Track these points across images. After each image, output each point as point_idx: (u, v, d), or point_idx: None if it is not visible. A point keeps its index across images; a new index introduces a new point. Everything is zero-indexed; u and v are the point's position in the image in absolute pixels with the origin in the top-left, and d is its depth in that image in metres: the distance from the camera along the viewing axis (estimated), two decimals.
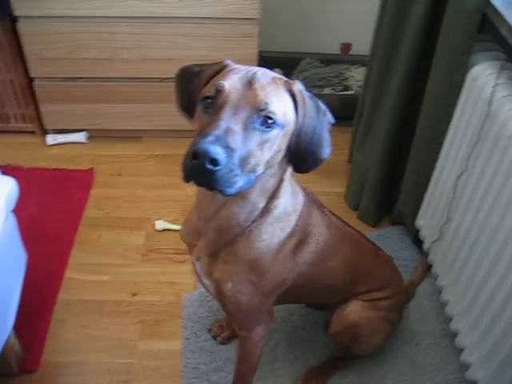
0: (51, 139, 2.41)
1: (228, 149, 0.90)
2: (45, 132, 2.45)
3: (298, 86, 1.04)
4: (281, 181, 1.12)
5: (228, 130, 0.92)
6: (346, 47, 2.77)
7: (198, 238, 1.25)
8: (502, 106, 1.39)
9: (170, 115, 2.37)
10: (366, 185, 2.08)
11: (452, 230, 1.66)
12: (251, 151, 0.95)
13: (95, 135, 2.47)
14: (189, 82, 1.09)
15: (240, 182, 0.95)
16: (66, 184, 2.24)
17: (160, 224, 2.08)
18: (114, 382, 1.65)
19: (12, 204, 1.54)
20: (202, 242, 1.23)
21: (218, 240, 1.18)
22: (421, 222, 1.89)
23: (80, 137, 2.43)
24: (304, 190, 1.30)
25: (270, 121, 0.96)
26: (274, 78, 1.02)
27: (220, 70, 1.05)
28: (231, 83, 0.97)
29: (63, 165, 2.34)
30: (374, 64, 1.96)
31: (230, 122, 0.93)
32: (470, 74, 1.54)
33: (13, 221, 1.54)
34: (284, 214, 1.18)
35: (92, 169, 2.31)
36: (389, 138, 1.92)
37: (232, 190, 0.95)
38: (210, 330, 1.76)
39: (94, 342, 1.74)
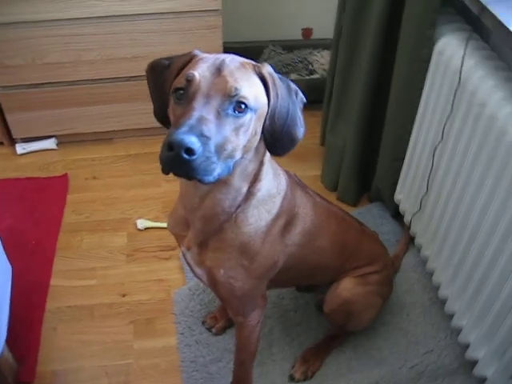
0: (21, 148, 2.36)
1: (203, 137, 0.91)
2: (13, 142, 2.40)
3: (267, 69, 1.05)
4: (261, 164, 1.13)
5: (201, 119, 0.93)
6: (307, 32, 2.79)
7: (186, 228, 1.25)
8: (471, 76, 1.43)
9: (140, 114, 2.36)
10: (342, 166, 2.11)
11: (432, 201, 1.70)
12: (226, 137, 0.96)
13: (65, 140, 2.43)
14: (159, 75, 1.10)
15: (218, 169, 0.96)
16: (41, 192, 2.20)
17: (141, 223, 2.07)
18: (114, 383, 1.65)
19: None
20: (190, 232, 1.24)
21: (205, 228, 1.19)
22: (399, 196, 1.93)
23: (50, 143, 2.39)
24: (287, 172, 1.31)
25: (242, 106, 0.97)
26: (242, 63, 1.03)
27: (189, 60, 1.05)
28: (200, 72, 0.98)
29: (36, 173, 2.30)
30: (340, 45, 1.98)
31: (203, 111, 0.94)
32: (437, 47, 1.58)
33: None
34: (268, 196, 1.19)
35: (66, 174, 2.28)
36: (361, 117, 1.95)
37: (210, 178, 0.96)
38: (204, 323, 1.77)
39: (88, 346, 1.73)
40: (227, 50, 2.38)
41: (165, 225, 2.07)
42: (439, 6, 1.53)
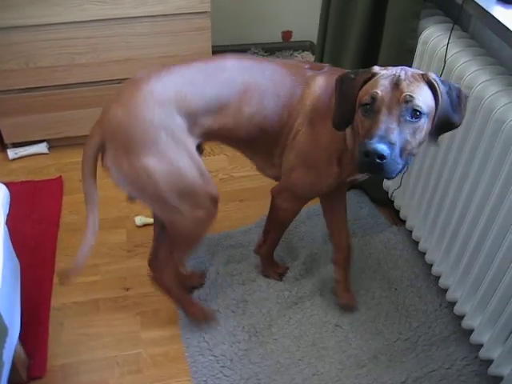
0: (13, 153, 2.38)
1: (390, 144, 1.17)
2: (4, 147, 2.42)
3: (432, 76, 1.26)
4: None
5: (388, 129, 1.18)
6: (287, 35, 2.90)
7: None
8: (455, 62, 1.54)
9: None
10: None
11: (422, 182, 1.80)
12: (407, 140, 1.21)
13: (56, 144, 2.46)
14: (346, 86, 1.33)
15: (400, 167, 1.22)
16: (36, 195, 2.23)
17: (140, 219, 2.12)
18: (126, 373, 1.68)
19: (7, 207, 1.55)
20: None
21: None
22: (388, 182, 2.03)
23: (41, 148, 2.42)
24: None
25: (417, 112, 1.21)
26: (413, 75, 1.25)
27: (370, 77, 1.29)
28: (383, 89, 1.23)
29: (29, 177, 2.33)
30: (325, 43, 2.08)
31: (388, 122, 1.19)
32: (421, 38, 1.69)
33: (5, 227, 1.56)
34: None
35: (61, 177, 2.31)
36: None
37: (395, 175, 1.22)
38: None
39: (97, 339, 1.77)
40: (212, 52, 2.49)
41: None
42: (422, 0, 1.66)
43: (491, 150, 1.42)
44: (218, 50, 2.64)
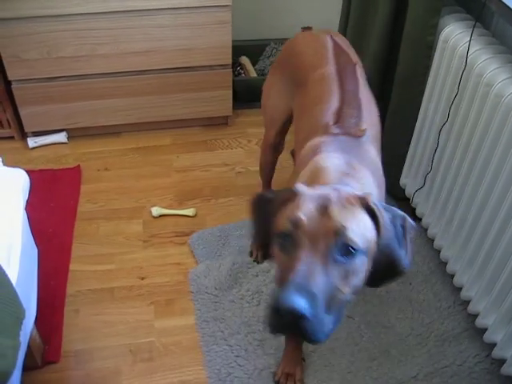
0: (32, 142, 2.41)
1: (311, 296, 0.85)
2: (24, 136, 2.45)
3: (373, 203, 0.97)
4: None
5: (308, 274, 0.86)
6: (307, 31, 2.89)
7: None
8: (477, 59, 1.54)
9: (148, 107, 2.43)
10: None
11: (439, 179, 1.80)
12: (336, 288, 0.90)
13: (75, 134, 2.49)
14: (263, 209, 1.06)
15: (329, 324, 0.90)
16: (54, 183, 2.25)
17: (156, 210, 2.14)
18: (138, 360, 1.70)
19: (27, 193, 1.57)
20: None
21: None
22: (405, 180, 2.03)
23: (60, 137, 2.45)
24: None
25: (351, 249, 0.90)
26: (348, 198, 0.97)
27: (291, 197, 1.00)
28: (306, 215, 0.93)
29: (48, 166, 2.36)
30: (346, 36, 2.08)
31: (310, 262, 0.88)
32: (442, 36, 1.69)
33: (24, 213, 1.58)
34: None
35: (79, 166, 2.34)
36: None
37: (323, 337, 0.89)
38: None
39: (111, 326, 1.79)
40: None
41: (179, 212, 2.14)
42: None
43: (509, 151, 1.42)
44: (238, 45, 2.66)
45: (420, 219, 1.98)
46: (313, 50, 1.57)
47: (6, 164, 1.61)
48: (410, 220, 1.02)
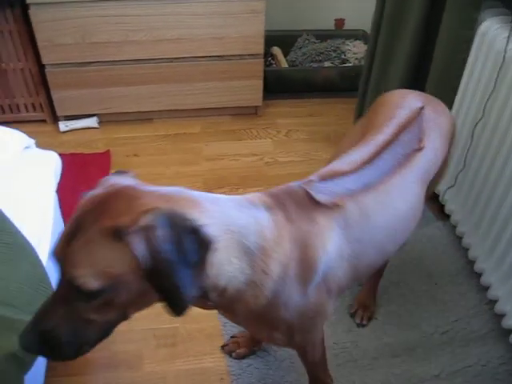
0: (63, 126, 2.45)
1: (45, 333, 0.84)
2: (56, 119, 2.48)
3: (138, 228, 0.79)
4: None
5: (44, 314, 0.85)
6: (340, 22, 2.87)
7: None
8: None
9: (179, 95, 2.44)
10: None
11: (470, 177, 1.77)
12: (86, 319, 0.85)
13: (106, 119, 2.51)
14: None
15: (83, 349, 0.89)
16: (85, 167, 2.28)
17: None
18: (162, 345, 1.71)
19: (59, 175, 1.60)
20: None
21: None
22: None
23: (92, 122, 2.47)
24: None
25: (86, 292, 0.80)
26: (101, 228, 0.80)
27: None
28: (59, 237, 0.84)
29: (78, 150, 2.39)
30: (381, 29, 2.05)
31: (53, 295, 0.85)
32: (480, 30, 1.66)
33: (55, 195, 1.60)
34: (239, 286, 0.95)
35: (109, 151, 2.36)
36: None
37: (73, 357, 0.90)
38: (224, 347, 1.69)
39: None
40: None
41: None
42: None
43: None
44: (270, 35, 2.65)
45: (449, 216, 1.96)
46: (387, 110, 1.30)
47: (38, 146, 1.64)
48: (203, 234, 0.82)
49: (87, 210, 0.84)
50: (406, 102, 1.30)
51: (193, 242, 0.81)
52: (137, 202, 0.82)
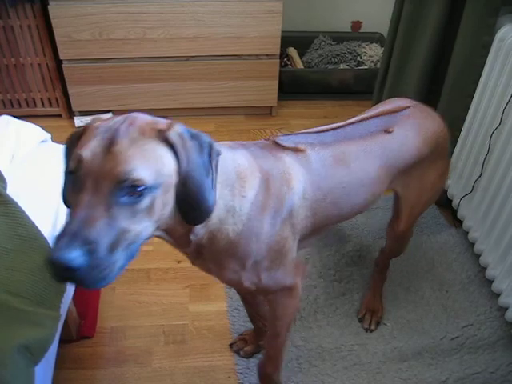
0: (79, 121, 2.47)
1: (88, 244, 0.78)
2: (71, 115, 2.50)
3: (175, 132, 0.87)
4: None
5: (86, 220, 0.78)
6: (357, 25, 2.87)
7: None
8: None
9: (196, 93, 2.45)
10: None
11: (484, 184, 1.76)
12: (123, 229, 0.82)
13: None
14: (69, 147, 0.95)
15: (120, 261, 0.82)
16: None
17: None
18: (171, 342, 1.72)
19: None
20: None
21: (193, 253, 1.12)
22: (448, 181, 1.99)
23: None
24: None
25: (138, 189, 0.81)
26: (141, 130, 0.85)
27: (84, 131, 0.89)
28: (91, 150, 0.83)
29: None
30: (397, 35, 2.05)
31: (89, 207, 0.80)
32: (498, 35, 1.65)
33: None
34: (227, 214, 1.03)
35: None
36: None
37: (105, 283, 0.81)
38: (232, 345, 1.70)
39: (146, 307, 1.81)
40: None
41: None
42: None
43: None
44: (286, 36, 2.66)
45: (461, 222, 1.95)
46: (377, 105, 1.41)
47: (53, 141, 1.65)
48: (215, 146, 0.93)
49: (113, 128, 0.84)
50: (396, 101, 1.39)
51: (209, 155, 0.90)
52: (158, 120, 0.89)
